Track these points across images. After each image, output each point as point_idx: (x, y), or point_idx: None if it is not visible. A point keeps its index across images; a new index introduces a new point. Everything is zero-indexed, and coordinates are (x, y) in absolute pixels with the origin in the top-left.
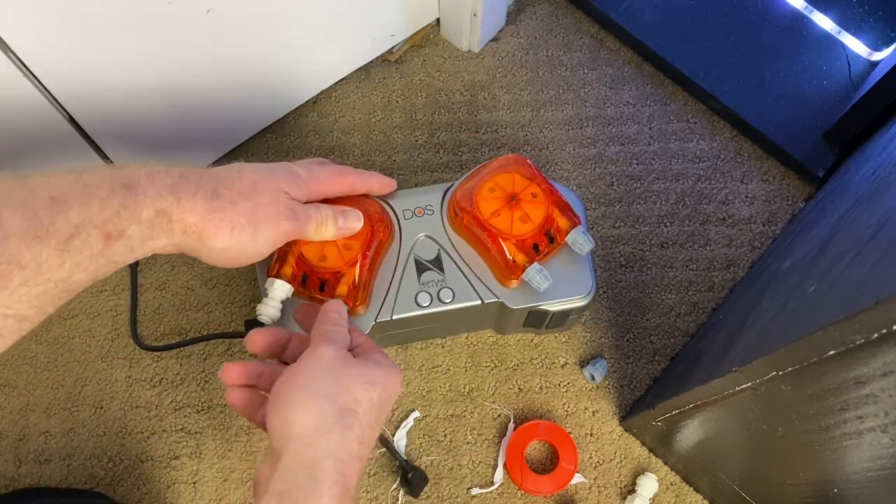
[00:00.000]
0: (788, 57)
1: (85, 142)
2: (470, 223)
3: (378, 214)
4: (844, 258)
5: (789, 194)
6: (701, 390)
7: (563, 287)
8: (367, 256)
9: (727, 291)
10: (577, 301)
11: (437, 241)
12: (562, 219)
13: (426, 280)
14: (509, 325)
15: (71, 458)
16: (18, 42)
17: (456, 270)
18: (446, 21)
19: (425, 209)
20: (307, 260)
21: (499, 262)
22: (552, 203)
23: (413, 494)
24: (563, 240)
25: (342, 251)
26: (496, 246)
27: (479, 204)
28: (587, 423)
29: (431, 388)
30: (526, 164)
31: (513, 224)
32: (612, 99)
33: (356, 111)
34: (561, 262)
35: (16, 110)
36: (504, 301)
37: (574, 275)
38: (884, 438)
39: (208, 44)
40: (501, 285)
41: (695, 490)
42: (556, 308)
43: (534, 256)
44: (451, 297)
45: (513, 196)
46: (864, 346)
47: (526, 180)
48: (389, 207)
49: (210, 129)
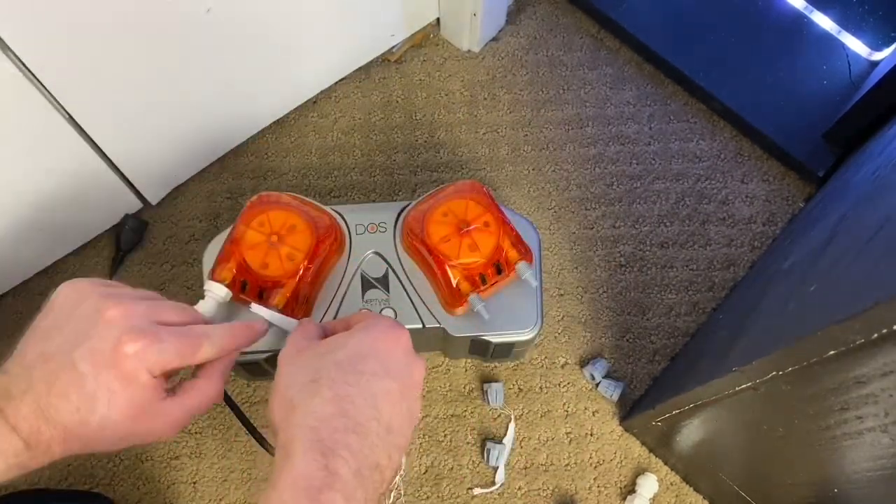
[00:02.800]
0: (788, 57)
1: (85, 142)
2: (419, 246)
3: (328, 228)
4: (844, 258)
5: (789, 194)
6: (701, 390)
7: (508, 319)
8: (311, 269)
9: (727, 291)
10: (520, 335)
11: (386, 259)
12: (512, 251)
13: (370, 298)
14: (454, 350)
15: (71, 458)
16: (19, 42)
17: (402, 291)
18: (446, 21)
19: (378, 226)
20: (249, 266)
21: (443, 288)
22: (503, 234)
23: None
24: (512, 272)
25: (285, 261)
26: (441, 271)
27: (429, 228)
28: (587, 423)
29: (431, 388)
30: (482, 191)
31: (461, 251)
32: (613, 99)
33: (356, 111)
34: (509, 294)
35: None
36: (446, 328)
37: (520, 308)
38: (884, 438)
39: (208, 43)
40: (445, 312)
41: (695, 490)
42: (499, 340)
43: (479, 286)
44: (393, 318)
45: (465, 223)
46: (864, 346)
47: (480, 208)
48: (342, 220)
49: (210, 129)
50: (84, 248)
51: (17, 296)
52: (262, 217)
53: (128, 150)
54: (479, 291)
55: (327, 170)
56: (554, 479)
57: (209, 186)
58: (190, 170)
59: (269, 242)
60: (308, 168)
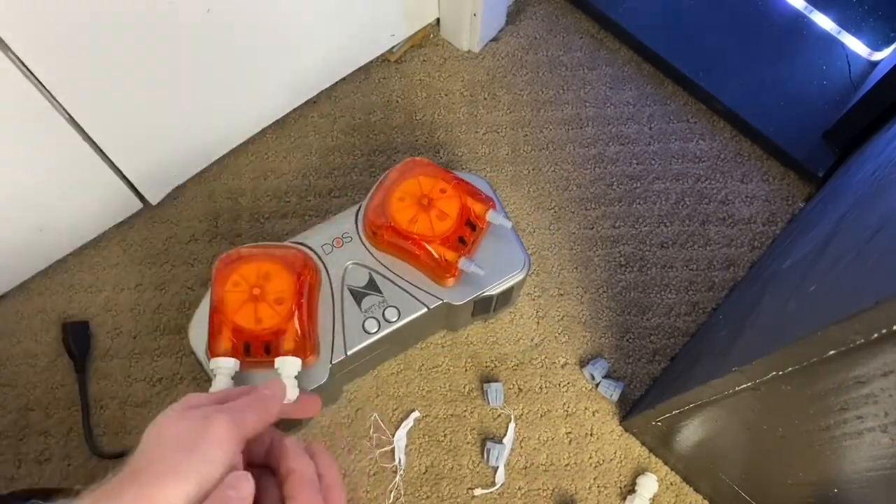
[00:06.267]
0: (788, 57)
1: (85, 142)
2: (391, 237)
3: (300, 260)
4: (844, 258)
5: (789, 194)
6: (701, 390)
7: (500, 267)
8: (303, 305)
9: (727, 291)
10: (515, 276)
11: (364, 264)
12: (476, 205)
13: (368, 306)
14: (459, 320)
15: (71, 458)
16: (19, 42)
17: (393, 287)
18: (446, 21)
19: (343, 237)
20: (244, 328)
21: (430, 266)
22: (463, 193)
23: None
24: (485, 224)
25: (276, 308)
26: (423, 251)
27: (394, 216)
28: (587, 423)
29: (431, 388)
30: (425, 163)
31: (432, 225)
32: (612, 99)
33: (356, 111)
34: (489, 244)
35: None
36: (448, 300)
37: (506, 252)
38: (884, 438)
39: (208, 43)
40: (441, 286)
41: (695, 490)
42: (499, 290)
43: (462, 249)
44: (397, 315)
45: (424, 198)
46: (864, 346)
47: (431, 179)
48: (307, 248)
49: (210, 128)
50: (84, 248)
51: (17, 296)
52: (235, 276)
53: (128, 150)
54: (465, 254)
55: (327, 170)
56: (554, 479)
57: (209, 186)
58: (190, 170)
59: (253, 297)
60: (308, 168)
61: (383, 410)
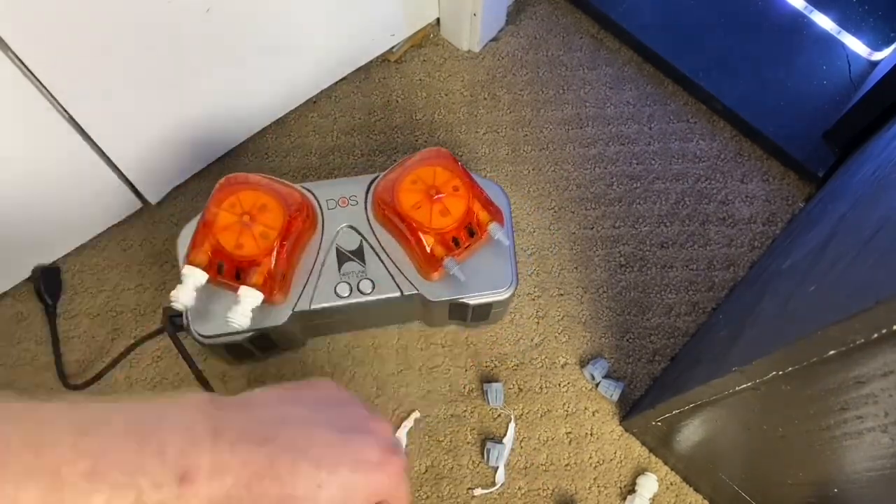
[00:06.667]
0: (788, 57)
1: (85, 142)
2: (391, 215)
3: (299, 204)
4: (844, 258)
5: (789, 194)
6: (701, 390)
7: (484, 280)
8: (285, 246)
9: (727, 291)
10: (496, 294)
11: (359, 231)
12: (482, 213)
13: (347, 271)
14: (434, 317)
15: None
16: (19, 42)
17: (377, 262)
18: (446, 21)
19: (349, 199)
20: (223, 248)
21: (418, 255)
22: (473, 197)
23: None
24: (484, 234)
25: (259, 240)
26: (415, 238)
27: (399, 196)
28: (587, 423)
29: (431, 388)
30: (448, 157)
31: (432, 217)
32: (613, 99)
33: (356, 111)
34: (483, 256)
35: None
36: (424, 294)
37: (495, 269)
38: (884, 438)
39: (208, 43)
40: (423, 278)
41: (695, 490)
42: (477, 301)
43: (453, 250)
44: (371, 289)
45: (434, 189)
46: (864, 346)
47: (448, 173)
48: (313, 196)
49: (210, 128)
50: (84, 248)
51: (17, 295)
52: (232, 198)
53: (128, 150)
54: (454, 255)
55: (327, 170)
56: (554, 479)
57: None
58: (190, 170)
59: (242, 223)
60: (308, 168)
61: (383, 410)
